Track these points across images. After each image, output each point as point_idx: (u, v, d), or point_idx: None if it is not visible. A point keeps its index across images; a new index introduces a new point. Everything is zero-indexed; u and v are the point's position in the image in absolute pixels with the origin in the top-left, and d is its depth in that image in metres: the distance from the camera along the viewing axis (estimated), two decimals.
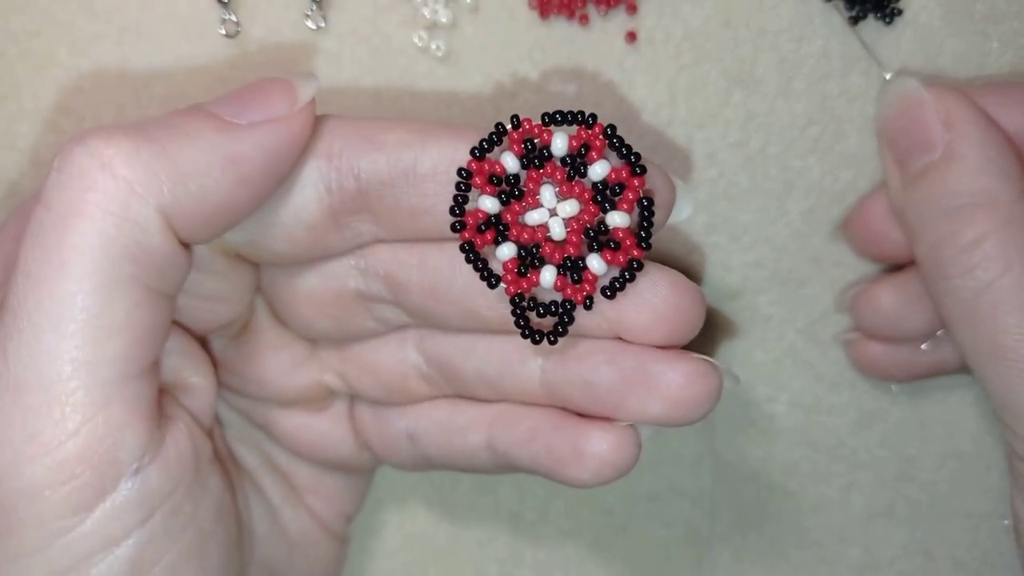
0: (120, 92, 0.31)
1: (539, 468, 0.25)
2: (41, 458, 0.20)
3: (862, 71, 0.30)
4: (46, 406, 0.20)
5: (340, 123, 0.24)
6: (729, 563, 0.35)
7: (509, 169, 0.23)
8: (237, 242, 0.25)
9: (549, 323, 0.24)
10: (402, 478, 0.34)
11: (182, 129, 0.22)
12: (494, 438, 0.26)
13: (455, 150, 0.23)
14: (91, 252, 0.21)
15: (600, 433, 0.24)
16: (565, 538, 0.35)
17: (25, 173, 0.31)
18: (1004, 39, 0.29)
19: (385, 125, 0.23)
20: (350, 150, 0.23)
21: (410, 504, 0.35)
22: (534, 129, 0.23)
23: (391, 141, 0.23)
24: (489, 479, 0.34)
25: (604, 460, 0.24)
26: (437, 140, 0.23)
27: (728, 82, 0.30)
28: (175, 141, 0.21)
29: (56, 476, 0.21)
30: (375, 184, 0.23)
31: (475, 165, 0.23)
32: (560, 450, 0.25)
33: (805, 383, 0.33)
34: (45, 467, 0.21)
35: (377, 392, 0.28)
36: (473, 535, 0.35)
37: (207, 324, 0.27)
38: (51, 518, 0.21)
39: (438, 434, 0.27)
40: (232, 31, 0.30)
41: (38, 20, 0.30)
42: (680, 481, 0.34)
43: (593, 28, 0.30)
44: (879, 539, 0.34)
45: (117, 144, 0.21)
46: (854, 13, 0.29)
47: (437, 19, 0.30)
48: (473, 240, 0.23)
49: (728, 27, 0.30)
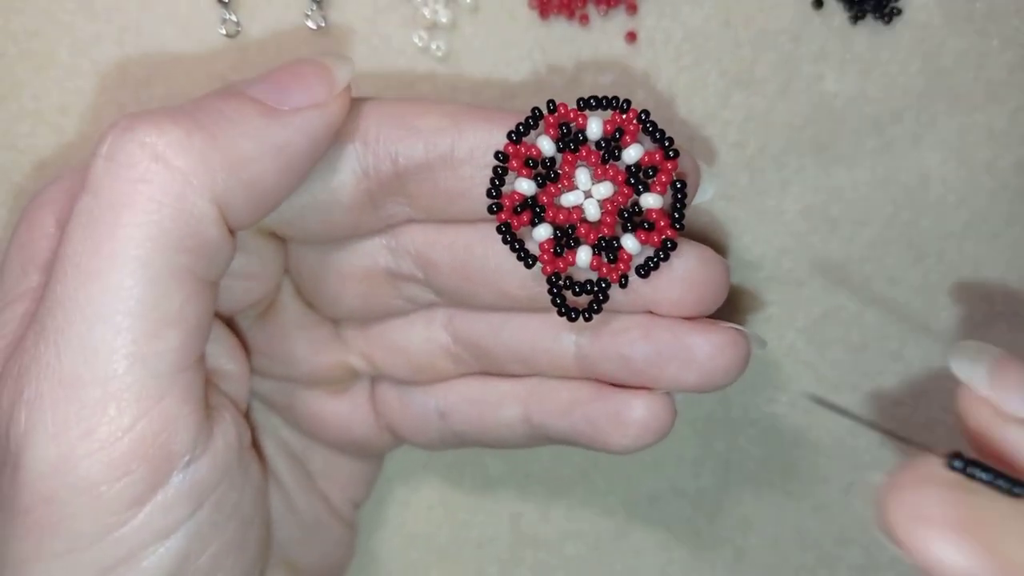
0: (120, 92, 0.31)
1: (578, 438, 0.26)
2: (96, 454, 0.20)
3: (860, 71, 0.30)
4: (101, 402, 0.20)
5: (376, 107, 0.24)
6: (729, 563, 0.35)
7: (545, 152, 0.23)
8: (272, 222, 0.25)
9: (584, 301, 0.24)
10: (404, 478, 0.34)
11: (229, 116, 0.22)
12: (531, 411, 0.27)
13: (491, 135, 0.23)
14: (145, 244, 0.20)
15: (640, 401, 0.25)
16: (566, 539, 0.35)
17: (25, 174, 0.31)
18: (1004, 37, 0.29)
19: (420, 109, 0.23)
20: (387, 135, 0.23)
21: (411, 504, 0.35)
22: (570, 114, 0.23)
23: (427, 126, 0.23)
24: (489, 480, 0.34)
25: (645, 426, 0.25)
26: (473, 124, 0.23)
27: (727, 82, 0.30)
28: (225, 129, 0.21)
29: (112, 472, 0.21)
30: (412, 168, 0.23)
31: (512, 149, 0.23)
32: (600, 419, 0.25)
33: (805, 383, 0.33)
34: (101, 463, 0.20)
35: (404, 372, 0.28)
36: (474, 535, 0.35)
37: (237, 303, 0.27)
38: (105, 513, 0.21)
39: (470, 410, 0.27)
40: (232, 31, 0.30)
41: (38, 20, 0.30)
42: (680, 482, 0.34)
43: (593, 28, 0.30)
44: (879, 540, 0.34)
45: (168, 133, 0.21)
46: (853, 13, 0.29)
47: (437, 19, 0.30)
48: (510, 221, 0.23)
49: (728, 27, 0.30)
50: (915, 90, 0.30)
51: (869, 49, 0.30)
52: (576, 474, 0.34)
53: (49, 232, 0.23)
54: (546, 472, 0.34)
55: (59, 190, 0.24)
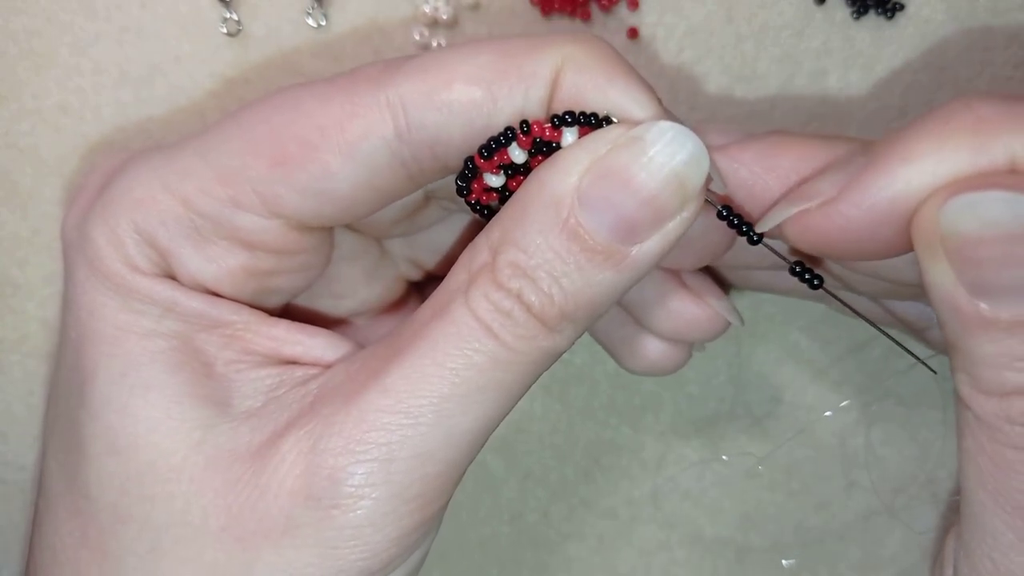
0: (120, 92, 0.30)
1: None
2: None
3: (863, 66, 0.30)
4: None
5: (402, 85, 0.22)
6: (730, 563, 0.34)
7: (516, 160, 0.23)
8: (316, 218, 0.24)
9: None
10: None
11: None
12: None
13: (526, 98, 0.22)
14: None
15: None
16: (566, 540, 0.35)
17: (25, 173, 0.31)
18: (1008, 33, 0.29)
19: (448, 75, 0.22)
20: (419, 121, 0.22)
21: None
22: (544, 131, 0.23)
23: (459, 100, 0.22)
24: (490, 480, 0.34)
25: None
26: (509, 89, 0.22)
27: (730, 78, 0.30)
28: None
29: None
30: (452, 153, 0.23)
31: (483, 162, 0.23)
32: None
33: (806, 383, 0.33)
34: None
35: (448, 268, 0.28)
36: (475, 536, 0.35)
37: (299, 289, 0.26)
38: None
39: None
40: (233, 30, 0.30)
41: (38, 20, 0.30)
42: (683, 482, 0.34)
43: (595, 25, 0.30)
44: (879, 539, 0.34)
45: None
46: (856, 9, 0.29)
47: (438, 16, 0.30)
48: (480, 198, 0.23)
49: (730, 23, 0.30)
50: (919, 86, 0.30)
51: (872, 45, 0.30)
52: (577, 474, 0.34)
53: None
54: (547, 472, 0.34)
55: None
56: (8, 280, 0.32)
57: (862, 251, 0.22)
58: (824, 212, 0.21)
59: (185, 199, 0.23)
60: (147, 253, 0.23)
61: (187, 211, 0.23)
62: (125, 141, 0.31)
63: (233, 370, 0.23)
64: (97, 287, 0.23)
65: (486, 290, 0.21)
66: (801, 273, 0.22)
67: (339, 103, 0.22)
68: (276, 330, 0.24)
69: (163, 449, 0.22)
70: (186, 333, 0.23)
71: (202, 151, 0.23)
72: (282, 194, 0.22)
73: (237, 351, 0.24)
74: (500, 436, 0.34)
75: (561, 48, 0.22)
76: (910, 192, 0.20)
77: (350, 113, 0.22)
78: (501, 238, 0.22)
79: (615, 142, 0.21)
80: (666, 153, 0.21)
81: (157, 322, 0.23)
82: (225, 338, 0.24)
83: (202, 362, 0.23)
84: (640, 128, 0.21)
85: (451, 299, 0.22)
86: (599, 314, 0.22)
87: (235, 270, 0.24)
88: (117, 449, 0.22)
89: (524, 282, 0.21)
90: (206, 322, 0.23)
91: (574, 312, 0.21)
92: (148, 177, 0.23)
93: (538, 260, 0.21)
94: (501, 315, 0.21)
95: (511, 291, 0.21)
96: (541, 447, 0.34)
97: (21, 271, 0.32)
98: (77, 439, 0.23)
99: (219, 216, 0.23)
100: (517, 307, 0.21)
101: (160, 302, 0.23)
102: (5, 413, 0.33)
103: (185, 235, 0.23)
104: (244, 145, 0.23)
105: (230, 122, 0.23)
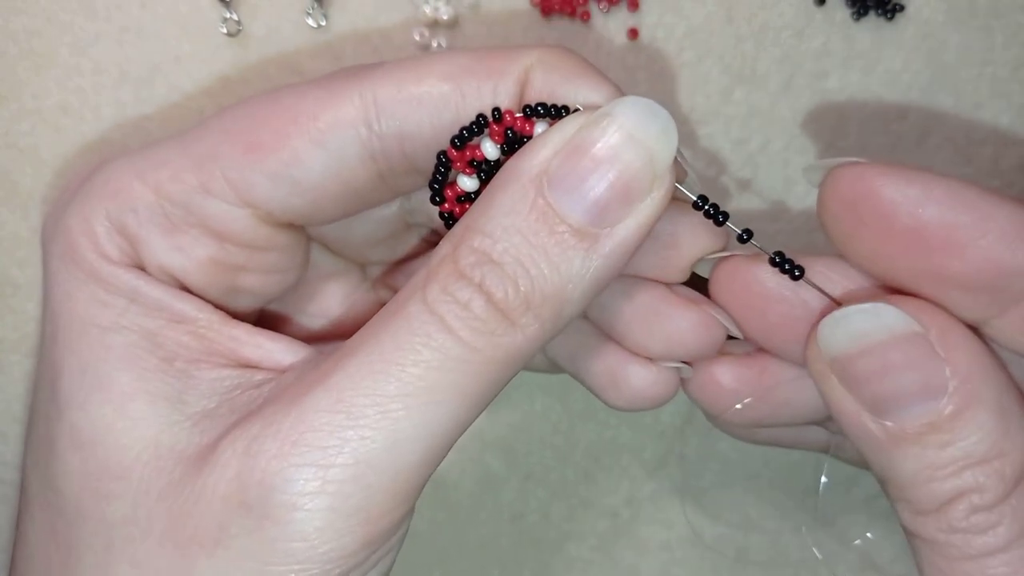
0: (120, 92, 0.30)
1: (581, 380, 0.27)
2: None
3: (863, 68, 0.30)
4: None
5: (373, 79, 0.23)
6: (730, 563, 0.34)
7: (489, 157, 0.23)
8: (288, 214, 0.24)
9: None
10: None
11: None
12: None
13: (495, 94, 0.22)
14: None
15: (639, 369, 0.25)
16: (567, 540, 0.35)
17: (25, 173, 0.31)
18: (1008, 33, 0.29)
19: (418, 72, 0.22)
20: (389, 113, 0.22)
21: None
22: (516, 121, 0.23)
23: (428, 93, 0.22)
24: (490, 480, 0.34)
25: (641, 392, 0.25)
26: (477, 84, 0.22)
27: (730, 79, 0.30)
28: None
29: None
30: (420, 148, 0.23)
31: (455, 153, 0.23)
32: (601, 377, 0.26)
33: None
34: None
35: None
36: (475, 536, 0.35)
37: (272, 295, 0.26)
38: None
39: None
40: (233, 30, 0.30)
41: (38, 20, 0.30)
42: (681, 482, 0.34)
43: (595, 25, 0.30)
44: (879, 539, 0.34)
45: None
46: (856, 9, 0.29)
47: (438, 17, 0.30)
48: (453, 211, 0.23)
49: (730, 23, 0.30)
50: (919, 87, 0.30)
51: (872, 46, 0.30)
52: (577, 474, 0.34)
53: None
54: (547, 472, 0.34)
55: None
56: (8, 280, 0.32)
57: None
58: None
59: (157, 186, 0.23)
60: (117, 241, 0.23)
61: (158, 198, 0.23)
62: (125, 141, 0.31)
63: (194, 368, 0.23)
64: (68, 278, 0.23)
65: (445, 282, 0.20)
66: (781, 264, 0.22)
67: (315, 96, 0.23)
68: (237, 331, 0.23)
69: (117, 446, 0.22)
70: (149, 328, 0.23)
71: (182, 143, 0.23)
72: (252, 180, 0.22)
73: (198, 350, 0.23)
74: (500, 436, 0.34)
75: (532, 52, 0.22)
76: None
77: (324, 103, 0.22)
78: (464, 229, 0.21)
79: (583, 124, 0.20)
80: (635, 126, 0.20)
81: (120, 315, 0.22)
82: (188, 335, 0.23)
83: (162, 358, 0.22)
84: (608, 104, 0.20)
85: (410, 295, 0.21)
86: (566, 315, 0.20)
87: (204, 261, 0.23)
88: (79, 445, 0.22)
89: (487, 269, 0.20)
90: (168, 316, 0.23)
91: (540, 305, 0.20)
92: (125, 168, 0.23)
93: (504, 244, 0.20)
94: (458, 306, 0.20)
95: (471, 280, 0.20)
96: (542, 447, 0.34)
97: (21, 271, 0.32)
98: (49, 435, 0.23)
99: (189, 203, 0.23)
100: (476, 297, 0.20)
101: (124, 291, 0.23)
102: (5, 413, 0.33)
103: (155, 222, 0.23)
104: (221, 135, 0.23)
105: (213, 118, 0.23)
